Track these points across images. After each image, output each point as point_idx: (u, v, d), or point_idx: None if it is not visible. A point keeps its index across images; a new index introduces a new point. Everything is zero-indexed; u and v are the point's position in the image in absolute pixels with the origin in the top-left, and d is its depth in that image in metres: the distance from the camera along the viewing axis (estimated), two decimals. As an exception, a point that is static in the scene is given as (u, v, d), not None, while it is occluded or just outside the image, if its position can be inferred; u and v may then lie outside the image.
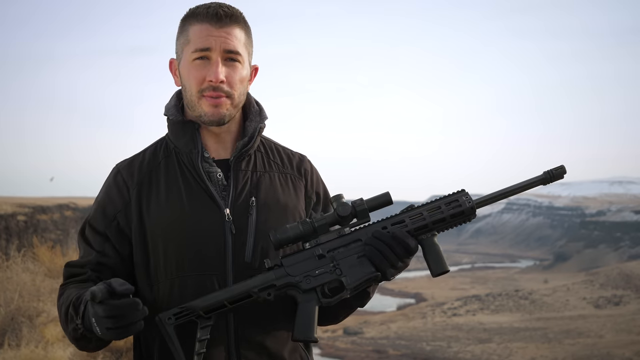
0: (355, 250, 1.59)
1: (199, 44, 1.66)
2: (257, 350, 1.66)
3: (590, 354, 45.82)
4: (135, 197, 1.70)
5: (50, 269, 9.01)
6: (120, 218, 1.69)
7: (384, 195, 1.61)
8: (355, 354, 49.27)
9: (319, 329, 1.64)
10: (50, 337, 6.50)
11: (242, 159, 1.75)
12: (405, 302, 73.46)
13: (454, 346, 50.78)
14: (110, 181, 1.75)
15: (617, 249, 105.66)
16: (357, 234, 1.60)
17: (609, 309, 61.92)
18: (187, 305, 1.54)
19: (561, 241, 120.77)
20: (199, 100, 1.68)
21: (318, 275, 1.59)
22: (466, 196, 1.62)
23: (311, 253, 1.59)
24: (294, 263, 1.58)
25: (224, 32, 1.67)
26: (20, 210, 16.81)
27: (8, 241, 14.04)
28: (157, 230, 1.67)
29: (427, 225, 1.59)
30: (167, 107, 1.79)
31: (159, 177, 1.72)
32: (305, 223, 1.58)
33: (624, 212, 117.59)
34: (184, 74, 1.71)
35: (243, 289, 1.56)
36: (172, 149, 1.76)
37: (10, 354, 5.84)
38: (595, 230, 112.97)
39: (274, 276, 1.57)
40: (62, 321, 1.65)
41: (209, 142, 1.75)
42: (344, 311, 1.79)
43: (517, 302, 66.70)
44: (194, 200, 1.68)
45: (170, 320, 1.53)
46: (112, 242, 1.69)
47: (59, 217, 19.05)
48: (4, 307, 6.83)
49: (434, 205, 1.61)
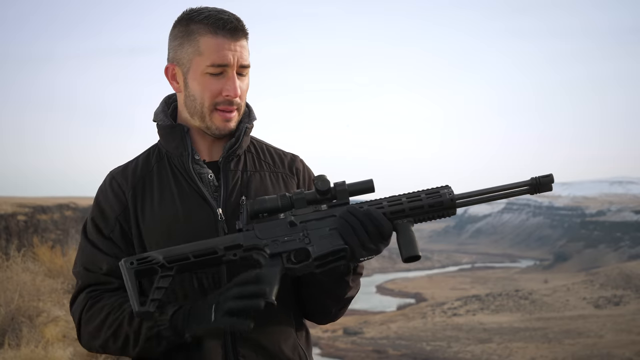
0: (327, 224, 1.58)
1: (216, 60, 1.66)
2: (255, 349, 1.66)
3: (590, 354, 45.83)
4: (131, 200, 1.72)
5: (50, 268, 9.02)
6: (122, 221, 1.71)
7: (367, 181, 1.60)
8: (355, 354, 49.27)
9: (319, 329, 1.63)
10: (50, 337, 6.51)
11: (231, 160, 1.76)
12: (405, 302, 73.45)
13: (454, 346, 50.79)
14: (106, 187, 1.76)
15: (617, 249, 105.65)
16: (333, 210, 1.60)
17: (609, 309, 61.92)
18: (151, 253, 1.55)
19: (561, 241, 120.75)
20: (211, 112, 1.70)
21: (286, 242, 1.57)
22: (448, 190, 1.60)
23: (283, 221, 1.59)
24: (265, 228, 1.58)
25: (239, 46, 1.68)
26: (20, 210, 16.82)
27: (8, 241, 14.05)
28: (152, 232, 1.69)
29: (404, 210, 1.58)
30: (156, 113, 1.81)
31: (152, 181, 1.74)
32: (284, 197, 1.58)
33: (624, 212, 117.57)
34: (193, 85, 1.70)
35: (210, 244, 1.56)
36: (164, 154, 1.78)
37: (10, 354, 5.84)
38: (595, 230, 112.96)
39: (242, 237, 1.57)
40: (102, 328, 1.63)
41: (200, 145, 1.77)
42: (331, 301, 1.76)
43: (517, 302, 66.70)
44: (187, 201, 1.70)
45: (133, 265, 1.53)
46: (119, 245, 1.70)
47: (59, 217, 19.06)
48: (4, 307, 6.83)
49: (415, 193, 1.60)
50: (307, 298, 1.76)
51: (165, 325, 1.55)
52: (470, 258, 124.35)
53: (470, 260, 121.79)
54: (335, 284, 1.69)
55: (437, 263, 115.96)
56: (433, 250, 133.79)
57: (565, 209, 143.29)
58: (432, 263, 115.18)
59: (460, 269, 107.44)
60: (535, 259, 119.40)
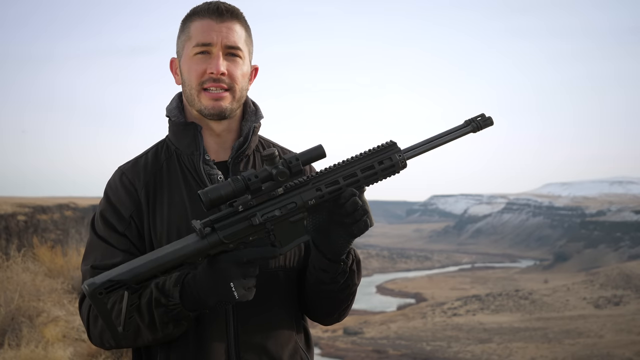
0: (287, 212, 1.53)
1: (200, 39, 1.68)
2: (258, 352, 1.65)
3: (590, 354, 45.81)
4: (144, 198, 1.70)
5: (50, 269, 9.01)
6: (136, 218, 1.69)
7: (317, 147, 1.55)
8: (355, 354, 49.25)
9: (319, 329, 1.61)
10: (50, 337, 6.50)
11: (240, 160, 1.75)
12: (405, 302, 73.44)
13: (454, 346, 50.77)
14: (116, 183, 1.73)
15: (617, 249, 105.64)
16: (292, 197, 1.54)
17: (609, 309, 61.90)
18: (117, 278, 1.45)
19: (561, 241, 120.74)
20: (198, 93, 1.69)
21: (252, 242, 1.53)
22: (398, 152, 1.59)
23: (245, 217, 1.52)
24: (227, 227, 1.50)
25: (225, 26, 1.68)
26: (20, 210, 16.82)
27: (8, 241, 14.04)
28: (162, 233, 1.67)
29: (359, 180, 1.57)
30: (169, 109, 1.79)
31: (162, 180, 1.72)
32: (237, 180, 1.49)
33: (624, 212, 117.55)
34: (184, 69, 1.72)
35: (176, 259, 1.48)
36: (174, 151, 1.76)
37: (10, 354, 5.84)
38: (595, 230, 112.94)
39: (208, 245, 1.49)
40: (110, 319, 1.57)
41: (210, 144, 1.76)
42: (333, 301, 1.74)
43: (517, 302, 66.69)
44: (196, 202, 1.68)
45: (102, 295, 1.44)
46: (133, 242, 1.68)
47: (59, 217, 19.05)
48: (4, 307, 6.83)
49: (367, 164, 1.58)
50: (309, 299, 1.75)
51: (178, 308, 1.53)
52: (470, 258, 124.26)
53: (470, 260, 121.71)
54: (334, 283, 1.68)
55: (437, 263, 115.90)
56: (433, 250, 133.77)
57: (565, 209, 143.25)
58: (432, 263, 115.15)
59: (460, 269, 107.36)
60: (535, 259, 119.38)
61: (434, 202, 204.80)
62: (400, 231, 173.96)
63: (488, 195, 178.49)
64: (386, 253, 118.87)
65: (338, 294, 1.72)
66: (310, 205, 1.54)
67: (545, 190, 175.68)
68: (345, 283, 1.70)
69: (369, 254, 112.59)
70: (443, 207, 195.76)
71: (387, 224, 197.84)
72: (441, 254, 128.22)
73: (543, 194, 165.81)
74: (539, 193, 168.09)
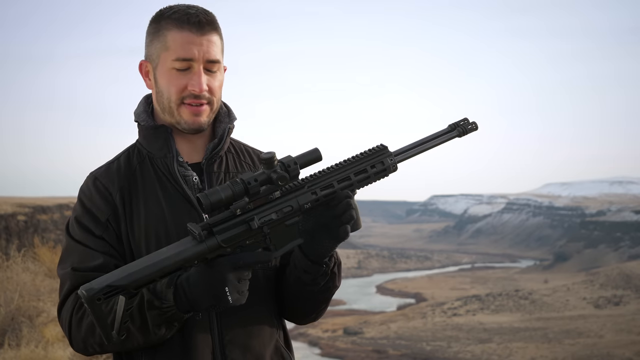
0: (284, 215, 1.54)
1: (181, 53, 1.64)
2: (242, 351, 1.66)
3: (590, 354, 45.86)
4: (120, 202, 1.68)
5: (50, 269, 9.02)
6: (112, 222, 1.67)
7: (314, 151, 1.56)
8: (355, 354, 49.31)
9: (319, 329, 1.61)
10: (50, 337, 6.50)
11: (214, 161, 1.75)
12: (405, 302, 73.52)
13: (454, 346, 50.81)
14: (90, 188, 1.71)
15: (617, 249, 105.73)
16: (288, 201, 1.55)
17: (609, 309, 61.95)
18: (116, 283, 1.44)
19: (561, 241, 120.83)
20: (178, 107, 1.68)
21: (249, 246, 1.53)
22: (390, 156, 1.62)
23: (243, 221, 1.52)
24: (225, 231, 1.50)
25: (205, 40, 1.65)
26: (20, 210, 16.82)
27: (8, 241, 14.04)
28: (138, 236, 1.66)
29: (352, 184, 1.60)
30: (137, 113, 1.77)
31: (137, 183, 1.71)
32: (237, 184, 1.49)
33: (624, 212, 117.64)
34: (161, 81, 1.69)
35: (175, 263, 1.47)
36: (146, 154, 1.75)
37: (10, 354, 5.84)
38: (595, 230, 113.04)
39: (207, 249, 1.49)
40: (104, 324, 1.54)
41: (182, 146, 1.75)
42: (311, 301, 1.74)
43: (517, 302, 66.75)
44: (173, 205, 1.68)
45: (100, 300, 1.43)
46: (111, 245, 1.67)
47: (59, 217, 19.04)
48: (4, 307, 6.83)
49: (360, 167, 1.61)
50: (287, 298, 1.75)
51: (172, 310, 1.52)
52: (470, 258, 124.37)
53: (470, 260, 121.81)
54: (314, 285, 1.68)
55: (437, 263, 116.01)
56: (433, 250, 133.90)
57: (565, 209, 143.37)
58: (432, 263, 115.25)
59: (460, 269, 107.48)
60: (535, 259, 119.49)
61: (434, 202, 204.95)
62: (400, 231, 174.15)
63: (488, 195, 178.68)
64: (386, 253, 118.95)
65: (317, 295, 1.72)
66: (305, 208, 1.55)
67: (545, 190, 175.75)
68: (325, 285, 1.70)
69: (369, 254, 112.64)
70: (443, 207, 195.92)
71: (387, 224, 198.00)
72: (441, 254, 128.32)
73: (543, 194, 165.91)
74: (539, 193, 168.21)
